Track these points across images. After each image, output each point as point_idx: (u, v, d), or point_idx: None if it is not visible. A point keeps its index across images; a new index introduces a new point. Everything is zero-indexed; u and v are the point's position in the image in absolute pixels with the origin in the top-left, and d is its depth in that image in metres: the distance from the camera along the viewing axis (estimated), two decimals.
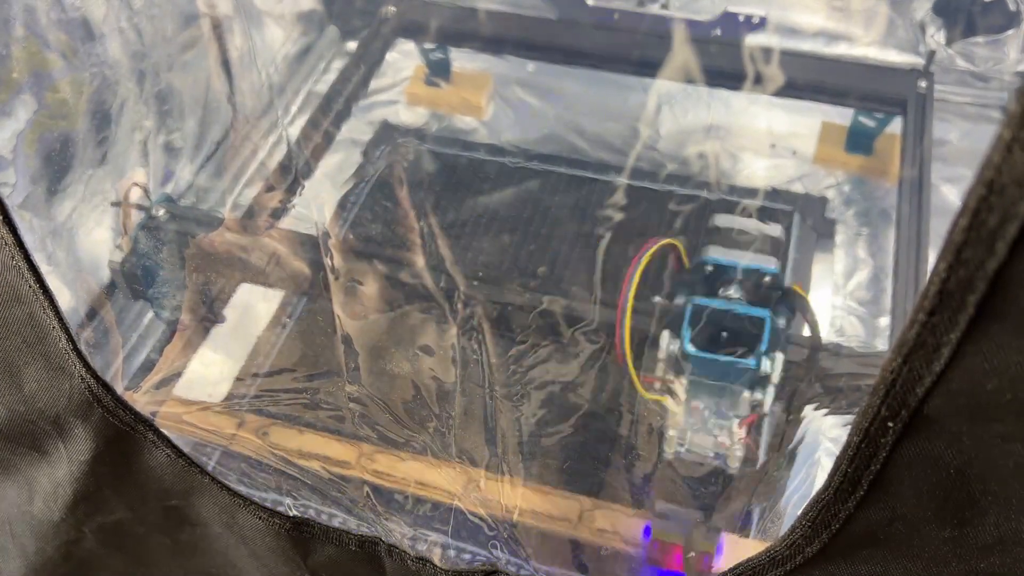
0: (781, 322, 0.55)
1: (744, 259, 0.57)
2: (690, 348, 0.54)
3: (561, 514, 0.56)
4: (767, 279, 0.56)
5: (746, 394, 0.54)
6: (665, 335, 0.55)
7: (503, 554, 0.54)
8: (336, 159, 0.85)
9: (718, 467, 0.54)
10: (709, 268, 0.57)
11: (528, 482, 0.57)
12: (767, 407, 0.54)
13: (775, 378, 0.53)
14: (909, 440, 0.24)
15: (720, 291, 0.57)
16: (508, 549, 0.54)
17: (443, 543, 0.56)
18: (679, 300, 0.57)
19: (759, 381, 0.54)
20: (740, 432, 0.53)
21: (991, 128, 0.18)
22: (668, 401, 0.54)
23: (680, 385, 0.54)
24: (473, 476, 0.55)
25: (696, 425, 0.55)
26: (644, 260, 0.56)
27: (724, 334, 0.55)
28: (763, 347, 0.53)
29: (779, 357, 0.53)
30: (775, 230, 0.59)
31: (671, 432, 0.54)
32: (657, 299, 0.58)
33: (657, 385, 0.55)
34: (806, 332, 0.57)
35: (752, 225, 0.59)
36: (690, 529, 0.52)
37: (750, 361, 0.53)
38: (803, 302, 0.57)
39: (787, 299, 0.56)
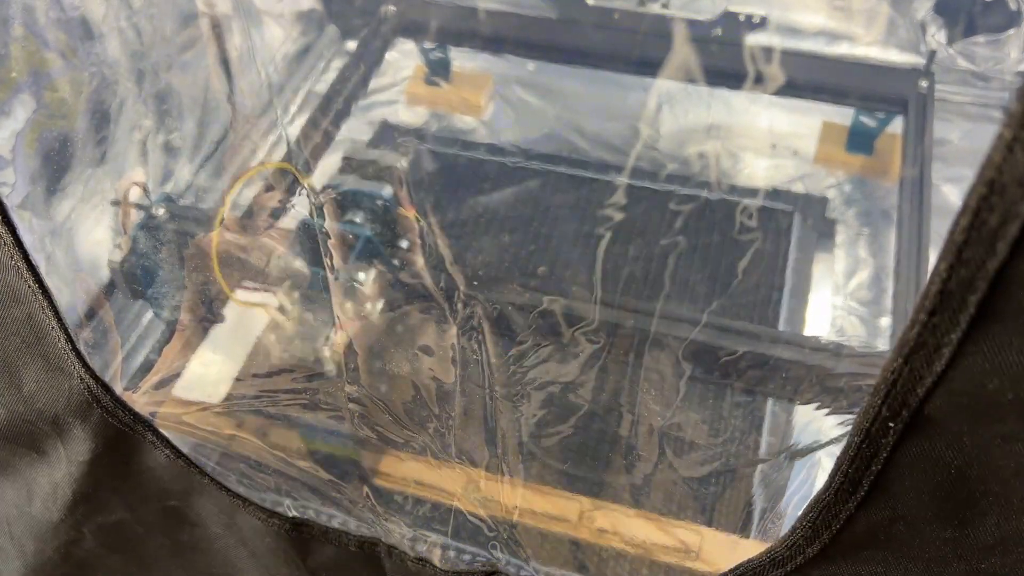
0: (380, 239, 0.59)
1: (362, 186, 0.60)
2: (299, 262, 0.58)
3: (561, 514, 0.56)
4: (380, 203, 0.60)
5: (348, 304, 0.58)
6: (279, 251, 0.59)
7: (503, 555, 0.54)
8: (336, 159, 0.85)
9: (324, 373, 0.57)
10: (333, 194, 0.61)
11: (528, 482, 0.57)
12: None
13: (367, 288, 0.57)
14: (910, 440, 0.24)
15: (349, 216, 0.60)
16: (508, 550, 0.54)
17: (443, 544, 0.56)
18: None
19: (351, 292, 0.58)
20: (336, 338, 0.56)
21: (992, 128, 0.17)
22: (272, 311, 0.58)
23: (287, 297, 0.58)
24: (473, 476, 0.55)
25: (305, 334, 0.58)
26: (242, 179, 0.64)
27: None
28: (353, 259, 0.57)
29: (372, 271, 0.57)
30: (397, 160, 0.62)
31: (272, 337, 0.58)
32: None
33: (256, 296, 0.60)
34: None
35: (377, 155, 0.62)
36: None
37: (343, 273, 0.57)
38: (410, 223, 0.61)
39: (396, 222, 0.60)
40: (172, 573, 0.49)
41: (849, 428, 0.26)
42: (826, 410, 0.58)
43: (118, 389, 0.39)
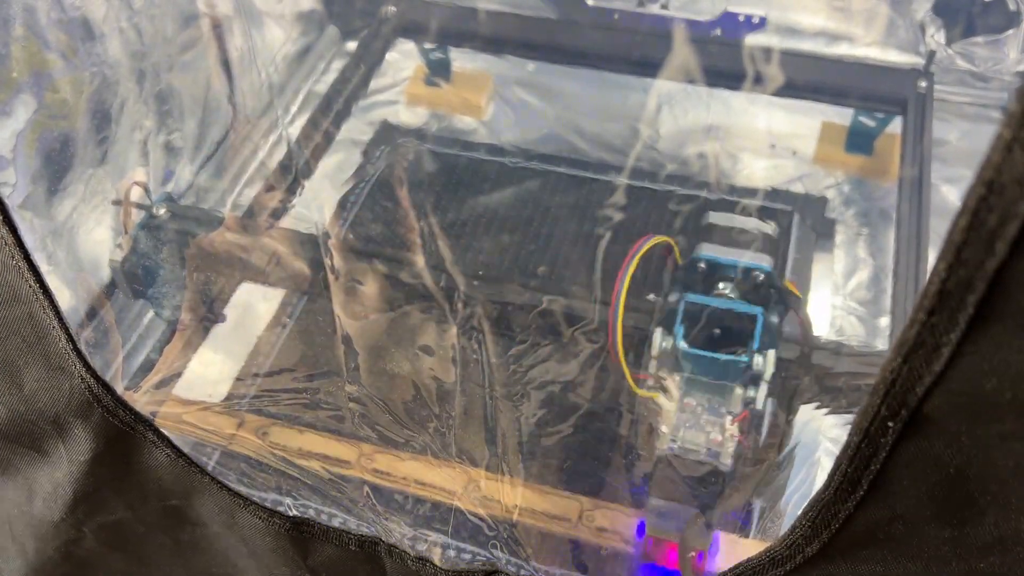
0: (774, 320, 0.55)
1: (738, 257, 0.57)
2: (683, 345, 0.54)
3: (561, 514, 0.56)
4: (760, 277, 0.56)
5: (739, 391, 0.54)
6: (658, 332, 0.55)
7: (503, 554, 0.54)
8: (336, 159, 0.85)
9: (713, 465, 0.55)
10: (702, 265, 0.57)
11: (528, 482, 0.57)
12: (760, 404, 0.55)
13: (767, 375, 0.54)
14: (909, 440, 0.24)
15: (714, 289, 0.57)
16: (508, 549, 0.54)
17: (443, 543, 0.56)
18: (673, 298, 0.57)
19: (751, 378, 0.54)
20: (732, 429, 0.53)
21: (991, 128, 0.18)
22: (661, 398, 0.54)
23: (673, 382, 0.54)
24: (473, 476, 0.55)
25: (689, 422, 0.55)
26: (637, 257, 0.56)
27: (717, 332, 0.55)
28: (755, 344, 0.53)
29: (771, 354, 0.54)
30: (770, 228, 0.59)
31: (663, 428, 0.54)
32: (651, 297, 0.58)
33: (650, 382, 0.55)
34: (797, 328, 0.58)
35: (747, 223, 0.59)
36: (685, 527, 0.52)
37: (743, 358, 0.53)
38: (796, 300, 0.57)
39: (781, 297, 0.57)
40: (172, 572, 0.49)
41: (848, 428, 0.26)
42: (825, 409, 0.59)
43: (119, 389, 0.39)
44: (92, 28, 0.63)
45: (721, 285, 0.57)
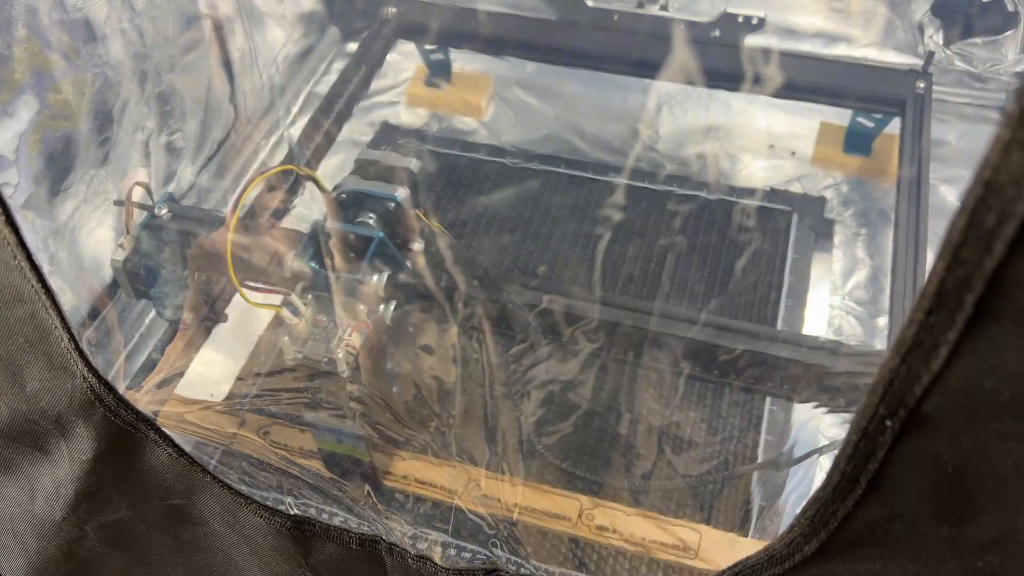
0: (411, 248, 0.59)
1: (375, 188, 0.59)
2: (309, 264, 0.57)
3: (561, 512, 0.56)
4: (391, 206, 0.59)
5: (360, 306, 0.57)
6: (291, 254, 0.58)
7: (503, 552, 0.54)
8: (337, 159, 0.85)
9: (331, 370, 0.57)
10: (344, 195, 0.60)
11: (528, 481, 0.57)
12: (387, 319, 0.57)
13: (381, 291, 0.57)
14: (907, 439, 0.25)
15: (359, 218, 0.60)
16: (508, 547, 0.54)
17: (443, 542, 0.56)
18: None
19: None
20: (350, 339, 0.56)
21: (989, 128, 0.18)
22: (285, 312, 0.57)
23: (300, 300, 0.57)
24: (473, 475, 0.55)
25: (318, 335, 0.58)
26: (253, 183, 0.63)
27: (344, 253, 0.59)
28: (365, 262, 0.57)
29: (384, 274, 0.57)
30: (411, 164, 0.61)
31: (285, 339, 0.57)
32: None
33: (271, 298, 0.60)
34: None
35: (390, 158, 0.61)
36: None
37: (355, 276, 0.56)
38: (422, 225, 0.60)
39: (416, 226, 0.60)
40: (174, 571, 0.49)
41: (847, 427, 0.26)
42: (824, 409, 0.59)
43: (121, 388, 0.39)
44: (94, 29, 0.63)
45: (364, 215, 0.60)
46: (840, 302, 0.77)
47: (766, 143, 0.88)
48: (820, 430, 0.65)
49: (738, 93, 0.84)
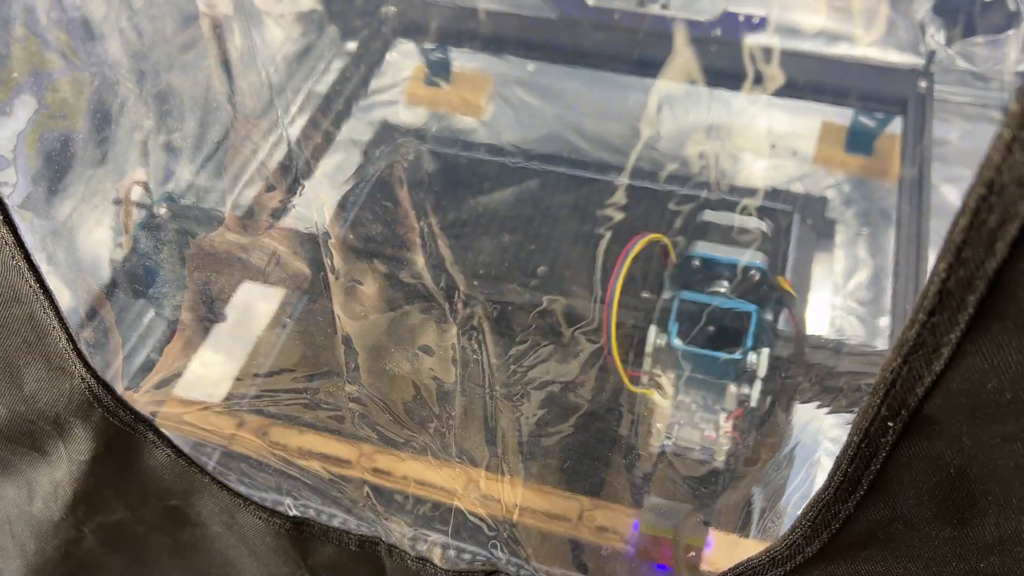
0: (768, 318, 0.55)
1: (733, 255, 0.57)
2: (676, 342, 0.54)
3: (561, 513, 0.56)
4: (755, 275, 0.56)
5: (732, 388, 0.54)
6: (652, 329, 0.55)
7: (503, 554, 0.54)
8: (336, 159, 0.85)
9: (707, 463, 0.55)
10: (697, 263, 0.58)
11: (528, 482, 0.57)
12: (754, 401, 0.55)
13: (761, 372, 0.54)
14: (909, 440, 0.24)
15: (710, 287, 0.57)
16: (508, 549, 0.54)
17: (443, 543, 0.56)
18: (668, 296, 0.57)
19: (745, 375, 0.55)
20: (727, 426, 0.53)
21: (991, 128, 0.18)
22: (655, 395, 0.54)
23: (667, 379, 0.54)
24: (473, 476, 0.55)
25: (683, 419, 0.55)
26: (632, 253, 0.56)
27: (712, 329, 0.56)
28: (749, 342, 0.53)
29: (765, 351, 0.54)
30: (764, 226, 0.59)
31: (658, 425, 0.54)
32: (646, 294, 0.58)
33: (644, 380, 0.56)
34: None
35: (743, 222, 0.59)
36: (679, 523, 0.52)
37: (736, 355, 0.53)
38: (790, 298, 0.57)
39: (775, 295, 0.57)
40: (172, 572, 0.49)
41: (848, 428, 0.26)
42: (826, 409, 0.58)
43: (119, 389, 0.39)
44: (92, 28, 0.63)
45: (717, 283, 0.57)
46: (842, 302, 0.77)
47: (767, 142, 0.88)
48: (822, 431, 0.64)
49: (739, 92, 0.84)
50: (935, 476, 0.25)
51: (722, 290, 0.56)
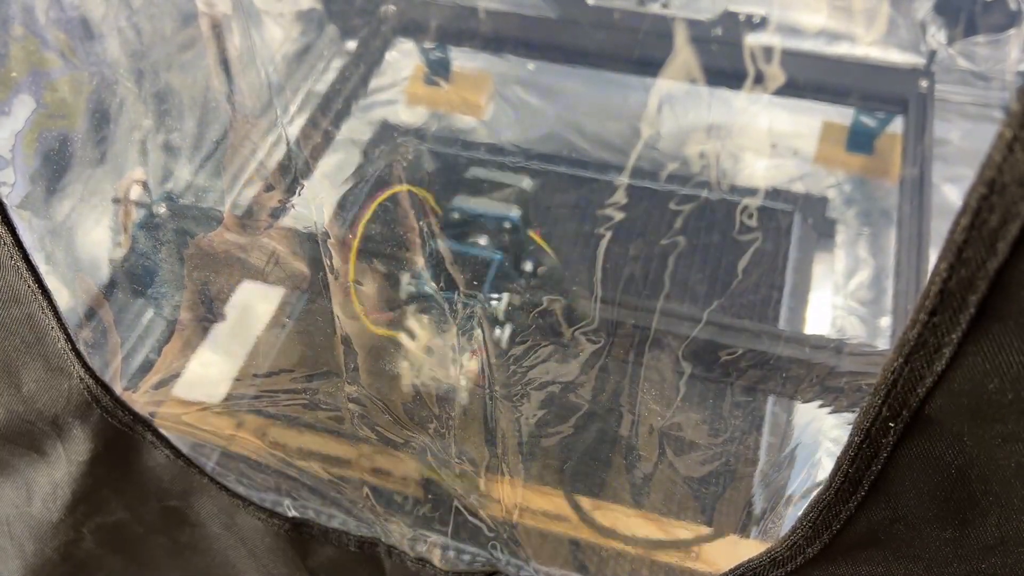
0: (526, 268, 0.57)
1: (488, 208, 0.58)
2: (427, 288, 0.56)
3: (561, 514, 0.56)
4: (508, 226, 0.58)
5: (479, 331, 0.56)
6: (406, 276, 0.57)
7: (503, 555, 0.54)
8: (336, 159, 0.85)
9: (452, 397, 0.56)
10: (456, 215, 0.59)
11: (528, 482, 0.57)
12: (504, 343, 0.57)
13: (501, 316, 0.56)
14: (910, 440, 0.24)
15: (472, 238, 0.59)
16: (508, 550, 0.54)
17: (443, 544, 0.56)
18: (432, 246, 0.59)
19: (493, 319, 0.57)
20: (469, 364, 0.55)
21: (992, 128, 0.17)
22: (402, 337, 0.56)
23: (417, 323, 0.56)
24: (473, 476, 0.55)
25: (435, 360, 0.56)
26: (379, 199, 0.60)
27: (466, 276, 0.57)
28: (487, 287, 0.55)
29: (505, 297, 0.56)
30: (524, 183, 0.60)
31: (404, 364, 0.56)
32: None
33: (385, 322, 0.57)
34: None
35: (502, 177, 0.61)
36: None
37: (475, 301, 0.55)
38: (538, 247, 0.59)
39: (530, 247, 0.58)
40: (171, 573, 0.49)
41: (849, 428, 0.26)
42: (827, 409, 0.58)
43: (118, 389, 0.39)
44: (91, 27, 0.63)
45: (478, 235, 0.59)
46: (843, 302, 0.77)
47: (768, 142, 0.88)
48: (822, 431, 0.64)
49: (740, 92, 0.84)
50: (936, 476, 0.25)
51: (482, 242, 0.58)
